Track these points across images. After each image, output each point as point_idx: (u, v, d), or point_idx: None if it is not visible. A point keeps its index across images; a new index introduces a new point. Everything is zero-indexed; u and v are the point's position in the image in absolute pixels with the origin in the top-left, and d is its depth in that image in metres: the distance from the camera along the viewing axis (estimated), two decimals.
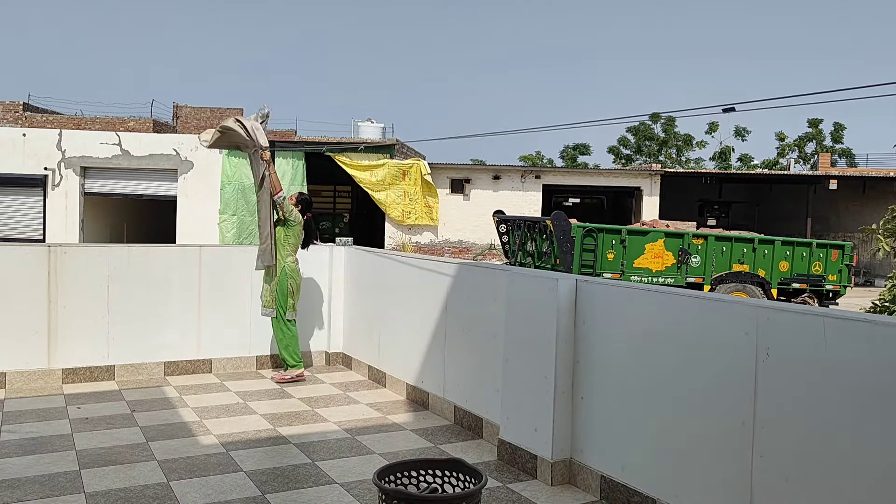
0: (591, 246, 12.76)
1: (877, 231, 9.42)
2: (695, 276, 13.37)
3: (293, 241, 6.85)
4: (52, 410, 5.67)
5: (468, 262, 5.88)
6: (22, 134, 19.29)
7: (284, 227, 6.79)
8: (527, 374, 4.55)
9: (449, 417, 5.67)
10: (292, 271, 6.82)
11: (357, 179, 20.30)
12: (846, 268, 14.32)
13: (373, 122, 25.93)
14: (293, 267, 6.84)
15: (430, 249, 21.02)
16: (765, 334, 3.25)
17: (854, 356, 2.89)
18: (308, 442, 5.09)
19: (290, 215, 6.79)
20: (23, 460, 4.57)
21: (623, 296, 4.10)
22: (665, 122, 46.77)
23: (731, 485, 3.39)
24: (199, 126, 27.09)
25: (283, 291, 6.76)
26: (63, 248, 6.56)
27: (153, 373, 6.80)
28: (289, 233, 6.81)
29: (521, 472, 4.56)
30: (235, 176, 19.34)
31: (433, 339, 5.91)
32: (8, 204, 19.28)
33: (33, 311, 6.36)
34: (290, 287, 6.77)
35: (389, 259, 6.85)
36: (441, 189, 21.40)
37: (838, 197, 25.70)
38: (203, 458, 4.69)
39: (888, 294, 8.44)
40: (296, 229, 6.85)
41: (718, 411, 3.47)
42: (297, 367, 6.83)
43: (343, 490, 4.23)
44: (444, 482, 3.37)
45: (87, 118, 25.37)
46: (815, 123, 46.30)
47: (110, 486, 4.20)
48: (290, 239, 6.82)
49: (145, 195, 19.85)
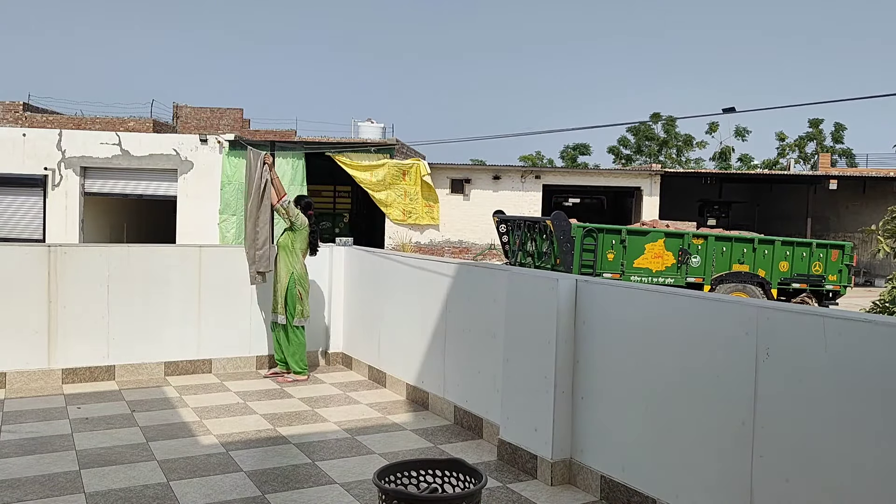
0: (591, 246, 12.76)
1: (877, 231, 9.43)
2: (695, 276, 13.37)
3: (301, 246, 6.80)
4: (52, 410, 5.67)
5: (468, 262, 5.88)
6: (22, 134, 19.30)
7: (291, 232, 6.75)
8: (527, 374, 4.55)
9: (449, 417, 5.67)
10: (301, 277, 6.77)
11: (357, 179, 20.30)
12: (846, 268, 14.32)
13: (373, 122, 25.93)
14: (302, 272, 6.79)
15: (430, 249, 21.02)
16: (765, 334, 3.25)
17: (854, 356, 2.89)
18: (308, 442, 5.09)
19: (297, 220, 6.76)
20: (23, 460, 4.57)
21: (623, 296, 4.10)
22: (665, 122, 46.78)
23: (731, 485, 3.39)
24: (198, 126, 27.09)
25: (293, 297, 6.72)
26: (63, 248, 6.56)
27: (153, 373, 6.80)
28: (296, 238, 6.76)
29: (521, 472, 4.56)
30: (235, 176, 19.34)
31: (433, 339, 5.91)
32: (8, 204, 19.28)
33: (33, 311, 6.36)
34: (298, 293, 6.73)
35: (389, 259, 6.85)
36: (441, 189, 21.40)
37: (838, 197, 25.70)
38: (203, 458, 4.69)
39: (888, 294, 8.45)
40: (303, 234, 6.81)
41: (718, 411, 3.47)
42: (302, 373, 6.80)
43: (343, 490, 4.23)
44: (444, 482, 3.37)
45: (87, 118, 25.36)
46: (816, 123, 46.32)
47: (110, 486, 4.20)
48: (298, 244, 6.77)
49: (145, 195, 19.86)
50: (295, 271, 6.74)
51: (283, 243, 6.78)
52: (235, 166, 19.37)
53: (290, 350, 6.77)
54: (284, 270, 6.73)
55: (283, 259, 6.76)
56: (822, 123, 46.34)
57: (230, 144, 19.58)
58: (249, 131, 27.70)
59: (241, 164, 19.10)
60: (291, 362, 6.77)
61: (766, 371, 3.24)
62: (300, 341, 6.80)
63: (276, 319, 6.79)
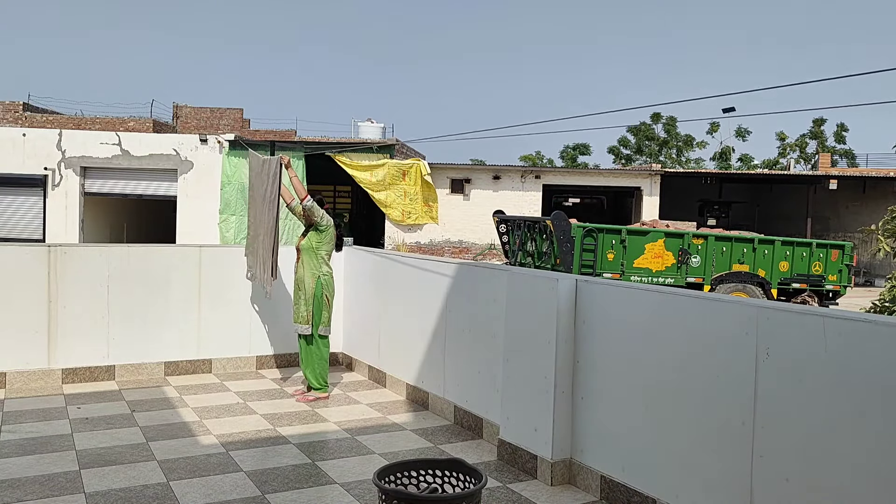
0: (591, 246, 12.76)
1: (877, 231, 9.42)
2: (695, 276, 13.37)
3: (327, 247, 6.24)
4: (52, 410, 5.67)
5: (468, 262, 5.88)
6: (22, 134, 19.30)
7: (316, 233, 6.19)
8: (527, 374, 4.55)
9: (449, 417, 5.67)
10: (327, 282, 6.21)
11: (357, 179, 20.30)
12: (846, 268, 14.33)
13: (373, 122, 25.93)
14: (328, 278, 6.23)
15: (430, 249, 21.02)
16: (765, 334, 3.25)
17: (854, 356, 2.89)
18: (308, 442, 5.09)
19: (323, 220, 6.19)
20: (23, 460, 4.57)
21: (623, 296, 4.10)
22: (666, 122, 46.79)
23: (731, 485, 3.39)
24: (198, 126, 27.09)
25: (319, 305, 6.15)
26: (63, 248, 6.56)
27: (153, 373, 6.80)
28: (322, 238, 6.20)
29: (521, 472, 4.56)
30: (235, 176, 19.34)
31: (433, 339, 5.91)
32: (8, 204, 19.29)
33: (33, 311, 6.36)
34: (325, 299, 6.18)
35: (389, 259, 6.85)
36: (441, 189, 21.40)
37: (838, 197, 25.71)
38: (203, 458, 4.69)
39: (888, 294, 8.45)
40: (329, 233, 6.23)
41: (718, 411, 3.47)
42: (321, 390, 6.19)
43: (343, 490, 4.23)
44: (444, 482, 3.37)
45: (87, 118, 25.37)
46: (819, 123, 46.31)
47: (110, 486, 4.20)
48: (324, 246, 6.22)
49: (145, 195, 19.86)
50: (322, 275, 6.18)
51: (305, 246, 6.19)
52: (235, 166, 19.36)
53: (311, 364, 6.17)
54: (310, 275, 6.15)
55: (308, 263, 6.17)
56: (825, 123, 46.36)
57: (230, 144, 19.58)
58: (249, 131, 27.71)
59: (241, 164, 19.12)
60: (310, 377, 6.17)
61: (766, 371, 3.24)
62: (322, 355, 6.18)
63: (298, 330, 6.21)
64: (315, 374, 6.18)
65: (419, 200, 20.72)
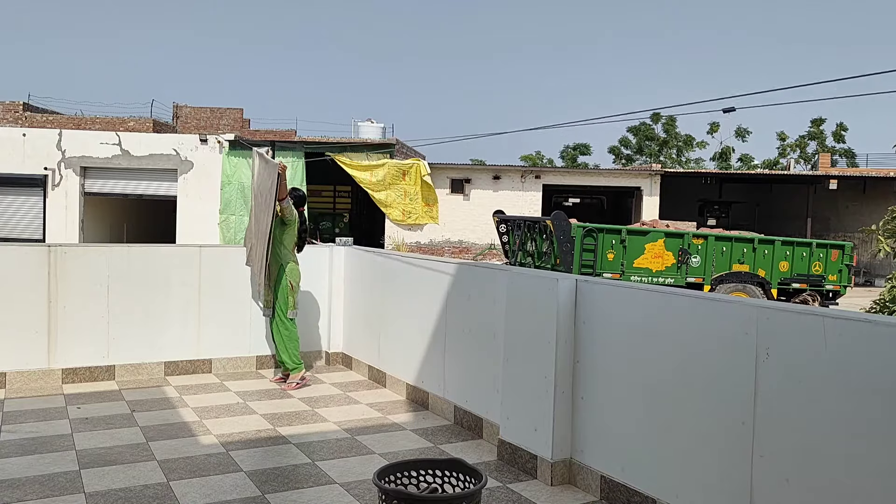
0: (591, 246, 12.76)
1: (877, 231, 9.42)
2: (695, 276, 13.37)
3: (289, 239, 6.74)
4: (52, 410, 5.67)
5: (468, 262, 5.88)
6: (22, 134, 19.30)
7: (282, 225, 6.69)
8: (527, 374, 4.55)
9: (449, 417, 5.67)
10: (291, 269, 6.72)
11: (357, 179, 20.31)
12: (846, 268, 14.33)
13: (373, 122, 25.94)
14: (292, 265, 6.74)
15: (430, 249, 21.02)
16: (765, 334, 3.25)
17: (854, 356, 2.89)
18: (308, 442, 5.09)
19: (291, 215, 6.73)
20: (23, 460, 4.57)
21: (623, 296, 4.10)
22: (666, 122, 46.79)
23: (731, 485, 3.39)
24: (198, 126, 27.09)
25: (284, 289, 6.66)
26: (63, 248, 6.56)
27: (153, 373, 6.80)
28: (286, 231, 6.71)
29: (521, 472, 4.56)
30: (235, 176, 19.35)
31: (433, 339, 5.91)
32: (8, 204, 19.29)
33: (33, 311, 6.36)
34: (289, 284, 6.67)
35: (389, 259, 6.85)
36: (441, 189, 21.40)
37: (838, 197, 25.71)
38: (203, 458, 4.69)
39: (888, 294, 8.44)
40: (293, 227, 6.74)
41: (718, 411, 3.47)
42: (297, 369, 6.69)
43: (343, 490, 4.23)
44: (444, 482, 3.37)
45: (87, 118, 25.35)
46: (818, 123, 46.31)
47: (110, 486, 4.20)
48: (287, 238, 6.71)
49: (145, 195, 19.87)
50: (284, 263, 6.67)
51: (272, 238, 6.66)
52: (235, 166, 19.37)
53: (283, 344, 6.66)
54: (274, 262, 6.66)
55: (273, 252, 6.63)
56: (824, 123, 46.36)
57: (230, 144, 19.59)
58: (249, 131, 27.69)
59: (241, 164, 19.12)
60: (285, 357, 6.66)
61: (766, 371, 3.24)
62: (292, 334, 6.70)
63: (265, 314, 6.82)
64: (289, 354, 6.69)
65: (419, 200, 20.72)
